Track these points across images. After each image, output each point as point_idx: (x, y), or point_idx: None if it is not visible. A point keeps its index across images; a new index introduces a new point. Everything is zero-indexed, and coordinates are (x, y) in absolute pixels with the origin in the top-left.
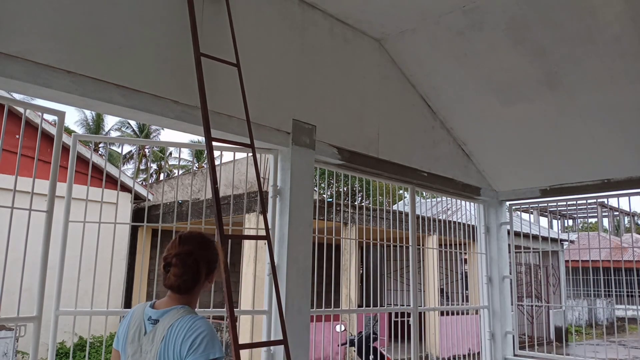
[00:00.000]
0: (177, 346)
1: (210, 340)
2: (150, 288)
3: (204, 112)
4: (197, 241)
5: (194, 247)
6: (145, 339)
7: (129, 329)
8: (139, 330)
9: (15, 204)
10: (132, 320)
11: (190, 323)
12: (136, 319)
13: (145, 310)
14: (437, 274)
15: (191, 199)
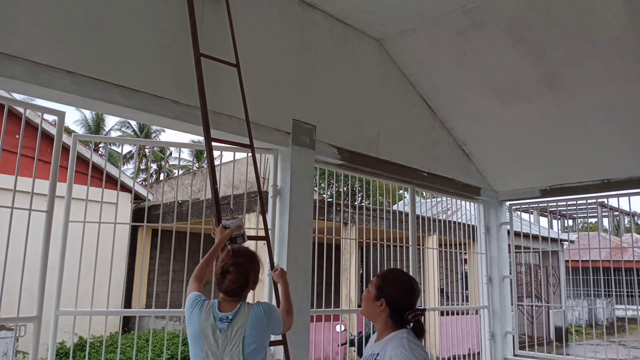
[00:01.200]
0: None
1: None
2: (150, 288)
3: (204, 112)
4: (247, 254)
5: (244, 260)
6: (222, 336)
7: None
8: (212, 329)
9: (15, 204)
10: (201, 316)
11: (264, 305)
12: (207, 330)
13: (214, 314)
14: (437, 274)
15: (191, 199)
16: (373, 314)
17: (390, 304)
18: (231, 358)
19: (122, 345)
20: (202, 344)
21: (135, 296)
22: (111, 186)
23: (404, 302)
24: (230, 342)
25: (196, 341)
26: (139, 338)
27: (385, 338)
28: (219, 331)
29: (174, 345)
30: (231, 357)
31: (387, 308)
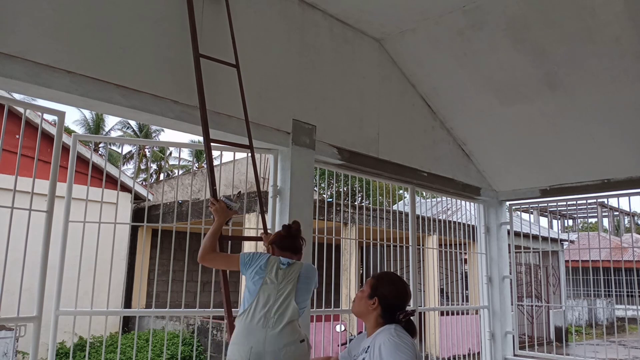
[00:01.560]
0: (312, 270)
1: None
2: (150, 288)
3: (203, 113)
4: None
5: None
6: (281, 272)
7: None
8: (276, 267)
9: (15, 204)
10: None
11: (312, 267)
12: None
13: (280, 260)
14: (437, 274)
15: (191, 199)
16: (364, 312)
17: (383, 303)
18: (286, 286)
19: (122, 345)
20: (265, 277)
21: (135, 296)
22: (111, 186)
23: (396, 303)
24: (288, 276)
25: (258, 277)
26: (139, 338)
27: (374, 333)
28: (280, 268)
29: (174, 345)
30: (286, 286)
31: (379, 307)
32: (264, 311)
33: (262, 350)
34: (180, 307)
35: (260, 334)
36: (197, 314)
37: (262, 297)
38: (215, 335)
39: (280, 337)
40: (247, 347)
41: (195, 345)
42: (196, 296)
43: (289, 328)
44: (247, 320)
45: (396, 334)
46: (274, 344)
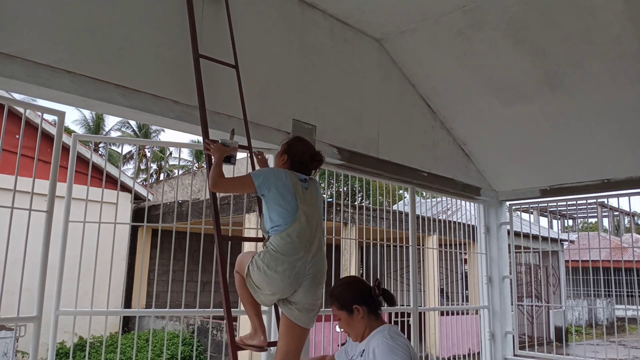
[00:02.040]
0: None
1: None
2: (150, 288)
3: (202, 114)
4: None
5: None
6: (306, 192)
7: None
8: (301, 187)
9: (15, 204)
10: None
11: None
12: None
13: (298, 176)
14: (437, 274)
15: (191, 199)
16: (360, 327)
17: (361, 302)
18: (314, 207)
19: (122, 345)
20: (294, 195)
21: (135, 296)
22: (111, 186)
23: (361, 288)
24: (313, 197)
25: (289, 193)
26: (139, 338)
27: (368, 336)
28: (304, 188)
29: (174, 345)
30: (314, 206)
31: (363, 307)
32: (307, 232)
33: (303, 272)
34: (180, 307)
35: (303, 254)
36: (197, 314)
37: (301, 216)
38: (215, 335)
39: (320, 261)
40: (289, 266)
41: (195, 345)
42: (196, 296)
43: (323, 253)
44: (291, 239)
45: (389, 335)
46: (314, 267)
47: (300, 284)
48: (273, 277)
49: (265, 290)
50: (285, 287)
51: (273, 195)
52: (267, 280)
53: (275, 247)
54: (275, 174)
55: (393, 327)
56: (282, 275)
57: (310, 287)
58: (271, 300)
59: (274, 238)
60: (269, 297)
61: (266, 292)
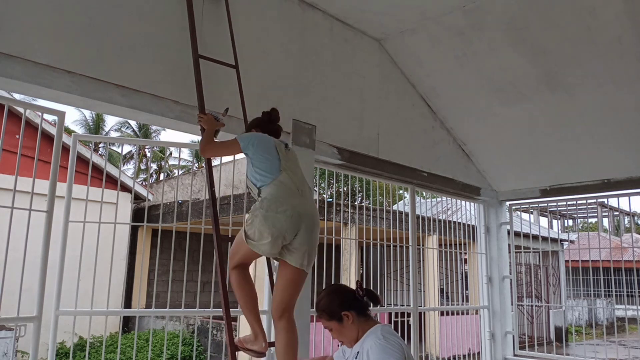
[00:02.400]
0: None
1: None
2: (150, 288)
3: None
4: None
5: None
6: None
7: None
8: (282, 148)
9: (15, 204)
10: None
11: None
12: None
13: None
14: (437, 274)
15: (191, 199)
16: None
17: (348, 307)
18: (296, 166)
19: (122, 345)
20: (277, 151)
21: (135, 296)
22: (111, 186)
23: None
24: (293, 157)
25: (273, 149)
26: (139, 338)
27: (362, 338)
28: (286, 149)
29: (174, 345)
30: (297, 166)
31: (351, 312)
32: (296, 179)
33: (303, 212)
34: (180, 307)
35: (298, 198)
36: (197, 314)
37: (287, 167)
38: (215, 335)
39: (313, 206)
40: (291, 205)
41: (195, 345)
42: (196, 296)
43: (314, 201)
44: (284, 184)
45: (382, 335)
46: (310, 209)
47: (301, 225)
48: (276, 218)
49: (266, 237)
50: (290, 227)
51: (259, 151)
52: (270, 222)
53: (271, 194)
54: (259, 135)
55: (386, 327)
56: (283, 215)
57: (310, 228)
58: (274, 247)
59: (266, 188)
60: (272, 244)
61: (268, 238)
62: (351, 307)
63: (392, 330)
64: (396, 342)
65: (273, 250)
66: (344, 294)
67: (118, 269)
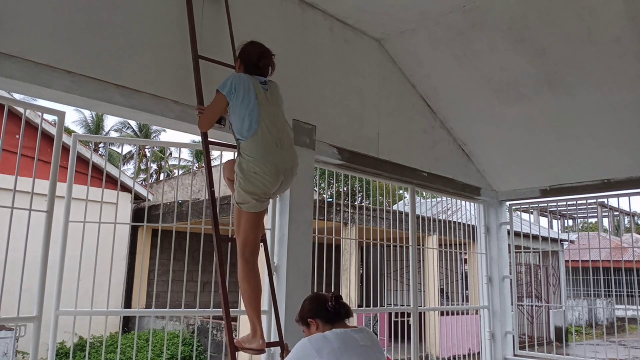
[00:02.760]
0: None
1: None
2: (150, 288)
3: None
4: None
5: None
6: (267, 93)
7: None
8: (261, 89)
9: (15, 204)
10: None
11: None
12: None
13: (257, 79)
14: (437, 274)
15: (191, 199)
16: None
17: (313, 315)
18: (277, 106)
19: (122, 345)
20: (256, 95)
21: (135, 296)
22: (111, 186)
23: (317, 303)
24: (273, 97)
25: (252, 93)
26: (139, 338)
27: None
28: (263, 88)
29: (174, 345)
30: (277, 106)
31: (316, 320)
32: (275, 130)
33: (282, 168)
34: (180, 307)
35: (277, 152)
36: (197, 314)
37: (266, 116)
38: (215, 335)
39: (291, 155)
40: (271, 163)
41: (195, 345)
42: (196, 296)
43: (294, 148)
44: (263, 139)
45: (312, 337)
46: (289, 162)
47: (280, 179)
48: (256, 179)
49: (254, 198)
50: (273, 181)
51: (239, 99)
52: (252, 185)
53: (249, 153)
54: (236, 76)
55: (334, 330)
56: (262, 176)
57: (288, 180)
58: (262, 204)
59: (245, 144)
60: (259, 202)
61: (255, 199)
62: (318, 316)
63: (331, 334)
64: (319, 342)
65: (264, 205)
66: (315, 302)
67: (118, 269)
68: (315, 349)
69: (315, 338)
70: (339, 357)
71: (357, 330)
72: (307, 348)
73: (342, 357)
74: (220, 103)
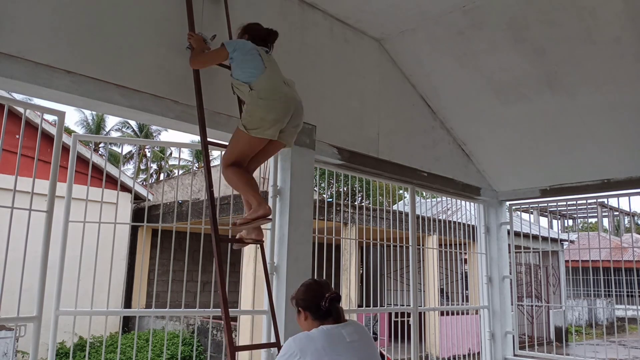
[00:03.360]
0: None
1: None
2: (150, 288)
3: (200, 115)
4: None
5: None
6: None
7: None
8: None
9: (15, 204)
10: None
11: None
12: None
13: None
14: (437, 274)
15: (191, 199)
16: (303, 325)
17: (304, 307)
18: (275, 66)
19: (122, 345)
20: (260, 55)
21: (135, 296)
22: (111, 186)
23: (312, 297)
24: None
25: (256, 53)
26: (139, 338)
27: None
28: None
29: (174, 345)
30: (276, 66)
31: (306, 312)
32: (280, 75)
33: (292, 97)
34: (180, 307)
35: (285, 87)
36: (197, 314)
37: (271, 67)
38: (215, 335)
39: (297, 94)
40: (282, 93)
41: (195, 345)
42: (196, 296)
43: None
44: (271, 76)
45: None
46: (297, 97)
47: (291, 109)
48: (273, 104)
49: (268, 122)
50: (285, 111)
51: (243, 53)
52: (269, 108)
53: (263, 85)
54: (242, 40)
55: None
56: (279, 101)
57: (298, 113)
58: (275, 129)
59: (257, 82)
60: (273, 126)
61: (270, 122)
62: (308, 309)
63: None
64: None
65: (275, 132)
66: (311, 294)
67: (118, 269)
68: (299, 348)
69: (300, 338)
70: (322, 358)
71: (344, 325)
72: (291, 348)
73: (325, 357)
74: (220, 54)
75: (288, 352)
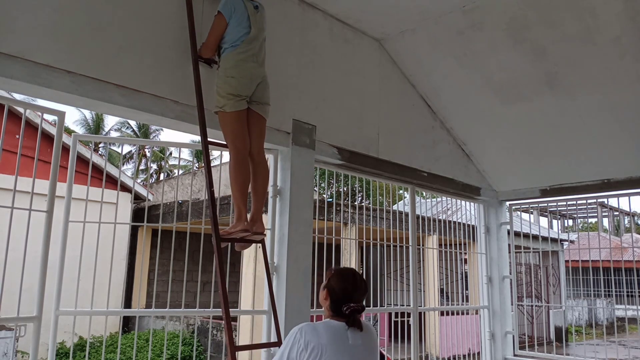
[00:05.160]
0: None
1: None
2: (150, 288)
3: (201, 115)
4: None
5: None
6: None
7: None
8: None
9: (15, 204)
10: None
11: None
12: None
13: (252, 3)
14: (437, 274)
15: (191, 199)
16: (321, 301)
17: (331, 295)
18: (262, 29)
19: (122, 345)
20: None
21: (135, 296)
22: (111, 186)
23: (341, 296)
24: (261, 18)
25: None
26: (139, 338)
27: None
28: (255, 9)
29: (174, 345)
30: (262, 28)
31: (329, 298)
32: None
33: (256, 75)
34: (180, 307)
35: (253, 65)
36: (197, 314)
37: (253, 37)
38: (215, 335)
39: (264, 71)
40: (244, 70)
41: (195, 345)
42: (196, 296)
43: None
44: (243, 53)
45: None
46: (262, 73)
47: (254, 84)
48: (237, 79)
49: (232, 95)
50: (248, 84)
51: (234, 22)
52: (232, 82)
53: (229, 62)
54: (235, 2)
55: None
56: (243, 76)
57: (263, 87)
58: (241, 101)
59: (226, 55)
60: (239, 99)
61: (234, 95)
62: (331, 298)
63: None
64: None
65: (241, 104)
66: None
67: (118, 269)
68: (305, 341)
69: (306, 330)
70: (322, 354)
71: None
72: (297, 338)
73: (324, 354)
74: (220, 25)
75: (294, 342)
